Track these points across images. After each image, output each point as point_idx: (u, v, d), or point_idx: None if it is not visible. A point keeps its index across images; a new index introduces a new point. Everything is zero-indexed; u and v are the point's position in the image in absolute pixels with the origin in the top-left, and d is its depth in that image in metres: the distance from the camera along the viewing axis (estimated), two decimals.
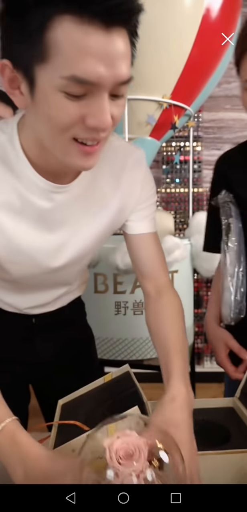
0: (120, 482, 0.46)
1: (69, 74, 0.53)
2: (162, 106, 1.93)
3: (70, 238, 0.79)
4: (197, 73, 1.92)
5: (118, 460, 0.46)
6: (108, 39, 0.53)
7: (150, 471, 0.46)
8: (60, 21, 0.52)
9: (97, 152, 0.63)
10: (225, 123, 3.06)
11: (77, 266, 0.86)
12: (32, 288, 0.88)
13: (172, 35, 1.72)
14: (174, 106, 1.94)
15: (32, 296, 0.91)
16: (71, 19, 0.51)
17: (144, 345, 1.98)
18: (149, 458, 0.47)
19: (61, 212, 0.75)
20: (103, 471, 0.47)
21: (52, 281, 0.88)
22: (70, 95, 0.55)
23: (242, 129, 3.05)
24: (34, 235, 0.75)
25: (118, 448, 0.46)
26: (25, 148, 0.69)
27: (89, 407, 0.78)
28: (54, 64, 0.53)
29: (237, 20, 2.00)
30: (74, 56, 0.52)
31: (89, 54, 0.52)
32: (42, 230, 0.75)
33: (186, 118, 2.20)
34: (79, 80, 0.53)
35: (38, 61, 0.54)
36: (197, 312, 3.07)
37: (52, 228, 0.76)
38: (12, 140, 0.69)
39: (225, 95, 3.04)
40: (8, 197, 0.70)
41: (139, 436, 0.48)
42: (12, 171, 0.69)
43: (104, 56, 0.53)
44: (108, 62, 0.54)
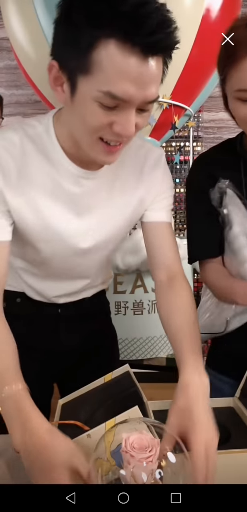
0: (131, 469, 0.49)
1: (106, 89, 0.62)
2: (162, 106, 1.93)
3: (96, 223, 0.86)
4: (197, 73, 1.92)
5: (132, 449, 0.50)
6: (144, 66, 0.61)
7: (159, 470, 0.51)
8: (105, 44, 0.60)
9: (119, 151, 0.72)
10: (225, 123, 3.06)
11: (102, 252, 0.92)
12: (60, 274, 0.93)
13: None
14: (174, 106, 1.94)
15: (59, 285, 0.96)
16: (115, 44, 0.59)
17: (144, 345, 1.98)
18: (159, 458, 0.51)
19: (88, 197, 0.83)
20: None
21: (78, 268, 0.92)
22: (104, 105, 0.63)
23: None
24: (65, 217, 0.82)
25: (134, 441, 0.50)
26: (59, 138, 0.78)
27: (90, 407, 0.78)
28: (94, 78, 0.62)
29: None
30: (112, 76, 0.61)
31: (126, 77, 0.61)
32: (71, 213, 0.82)
33: (186, 118, 2.20)
34: (113, 96, 0.62)
35: (82, 72, 0.63)
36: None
37: (80, 212, 0.83)
38: (48, 130, 0.78)
39: None
40: (43, 181, 0.79)
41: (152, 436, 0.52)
42: (48, 158, 0.79)
43: (138, 79, 0.61)
44: (141, 85, 0.62)
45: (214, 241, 1.02)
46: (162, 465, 0.51)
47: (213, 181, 0.98)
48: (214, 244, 1.02)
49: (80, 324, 1.03)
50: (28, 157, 0.78)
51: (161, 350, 1.99)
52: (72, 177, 0.80)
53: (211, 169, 0.99)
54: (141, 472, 0.49)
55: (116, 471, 0.52)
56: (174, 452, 0.54)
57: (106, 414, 0.67)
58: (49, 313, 1.00)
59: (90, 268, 0.95)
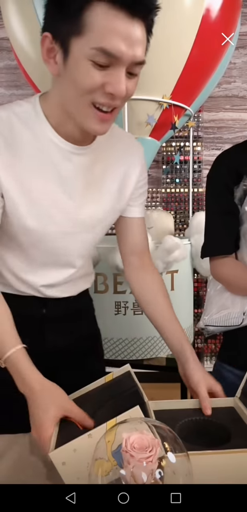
0: (131, 469, 0.49)
1: (99, 46, 0.68)
2: (162, 106, 1.93)
3: (84, 200, 0.89)
4: (197, 73, 1.92)
5: (132, 449, 0.50)
6: (131, 25, 0.69)
7: (159, 470, 0.50)
8: (96, 6, 0.67)
9: (111, 120, 0.77)
10: (225, 123, 3.06)
11: (87, 234, 0.95)
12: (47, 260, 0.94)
13: (172, 35, 1.72)
14: (174, 106, 1.94)
15: (46, 272, 0.96)
16: (105, 5, 0.67)
17: (144, 345, 1.98)
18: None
19: (77, 175, 0.86)
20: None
21: (65, 251, 0.94)
22: (97, 64, 0.69)
23: (242, 129, 3.05)
24: (54, 193, 0.85)
25: (134, 441, 0.51)
26: (46, 115, 0.82)
27: (90, 407, 0.78)
28: (87, 37, 0.68)
29: (237, 20, 2.00)
30: (104, 33, 0.68)
31: (115, 34, 0.68)
32: (60, 189, 0.85)
33: (186, 118, 2.20)
34: (106, 52, 0.68)
35: (74, 35, 0.69)
36: (197, 312, 3.07)
37: (69, 188, 0.86)
38: (35, 107, 0.82)
39: (225, 95, 3.05)
40: (31, 156, 0.81)
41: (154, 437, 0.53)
42: (36, 135, 0.81)
43: (127, 37, 0.69)
44: (129, 43, 0.69)
45: (230, 238, 1.04)
46: (162, 465, 0.51)
47: (237, 178, 0.99)
48: (230, 241, 1.04)
49: (66, 324, 1.02)
50: (17, 133, 0.80)
51: (161, 350, 1.99)
52: (61, 152, 0.82)
53: (235, 166, 1.01)
54: (141, 472, 0.49)
55: (116, 471, 0.52)
56: (174, 452, 0.54)
57: (107, 414, 0.67)
58: (34, 314, 0.99)
59: (76, 251, 0.96)
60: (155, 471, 0.50)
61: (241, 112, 3.06)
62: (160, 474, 0.51)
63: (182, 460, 0.54)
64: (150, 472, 0.50)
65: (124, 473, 0.51)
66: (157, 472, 0.50)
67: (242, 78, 3.05)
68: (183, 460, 0.54)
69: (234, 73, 3.04)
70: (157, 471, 0.50)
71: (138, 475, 0.49)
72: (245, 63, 3.04)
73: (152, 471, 0.50)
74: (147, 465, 0.49)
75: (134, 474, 0.49)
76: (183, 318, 2.13)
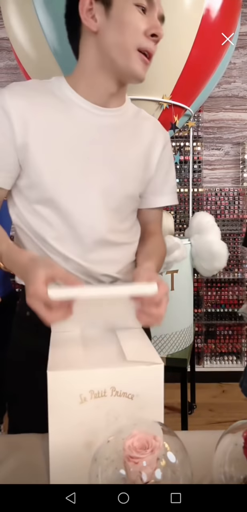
0: (131, 469, 0.49)
1: None
2: (162, 106, 1.93)
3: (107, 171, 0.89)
4: (197, 73, 1.92)
5: (132, 449, 0.50)
6: None
7: (159, 469, 0.50)
8: None
9: (148, 65, 0.86)
10: (225, 123, 3.06)
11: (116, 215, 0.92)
12: (84, 232, 0.88)
13: (172, 35, 1.72)
14: (174, 106, 1.94)
15: (88, 247, 0.90)
16: None
17: None
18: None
19: (103, 141, 0.88)
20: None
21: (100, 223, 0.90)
22: (140, 6, 0.81)
23: (242, 129, 3.05)
24: (81, 156, 0.86)
25: (135, 440, 0.51)
26: (71, 85, 0.88)
27: None
28: None
29: (237, 20, 2.00)
30: None
31: None
32: (87, 153, 0.87)
33: (186, 118, 2.20)
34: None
35: None
36: (197, 312, 3.07)
37: (95, 151, 0.88)
38: (59, 79, 0.89)
39: (225, 95, 3.05)
40: (55, 120, 0.85)
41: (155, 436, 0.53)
42: (60, 99, 0.86)
43: None
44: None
45: None
46: (162, 465, 0.51)
47: None
48: None
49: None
50: (41, 96, 0.85)
51: (161, 350, 1.99)
52: (86, 113, 0.87)
53: None
54: (141, 472, 0.49)
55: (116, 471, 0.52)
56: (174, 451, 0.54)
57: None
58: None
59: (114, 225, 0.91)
60: (155, 471, 0.50)
61: (241, 112, 3.06)
62: (160, 474, 0.50)
63: (182, 460, 0.54)
64: (150, 472, 0.50)
65: (123, 473, 0.51)
66: (157, 472, 0.50)
67: (242, 78, 3.05)
68: (183, 460, 0.54)
69: (234, 73, 3.04)
70: (157, 471, 0.50)
71: (138, 475, 0.49)
72: (245, 63, 3.05)
73: (152, 471, 0.50)
74: (147, 465, 0.49)
75: (134, 474, 0.49)
76: (183, 318, 2.13)
